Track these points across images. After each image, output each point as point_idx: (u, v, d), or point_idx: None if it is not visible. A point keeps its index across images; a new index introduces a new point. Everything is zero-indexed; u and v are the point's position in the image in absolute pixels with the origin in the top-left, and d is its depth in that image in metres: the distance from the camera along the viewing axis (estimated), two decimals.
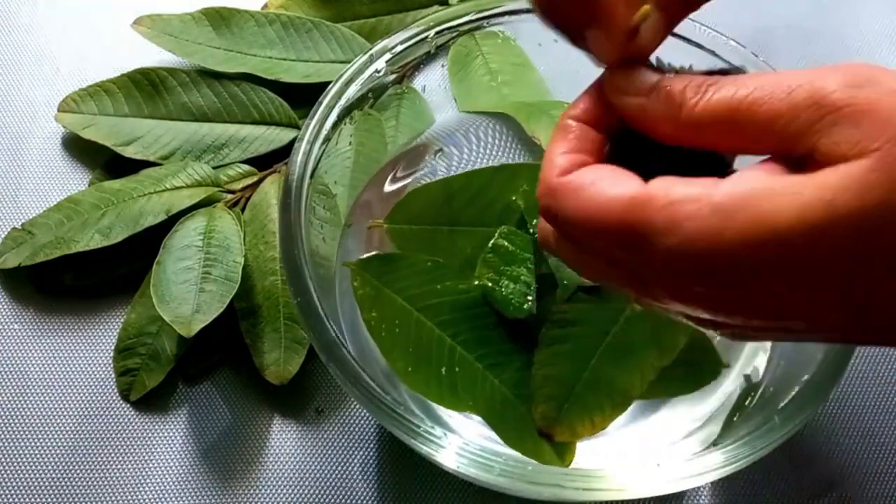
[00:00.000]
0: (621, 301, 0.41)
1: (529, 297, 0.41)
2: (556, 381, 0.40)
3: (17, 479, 0.44)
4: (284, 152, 0.51)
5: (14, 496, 0.44)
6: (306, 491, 0.44)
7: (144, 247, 0.47)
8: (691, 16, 0.44)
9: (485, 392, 0.40)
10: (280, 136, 0.52)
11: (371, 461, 0.45)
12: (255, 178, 0.51)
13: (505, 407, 0.40)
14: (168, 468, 0.45)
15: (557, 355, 0.40)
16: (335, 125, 0.43)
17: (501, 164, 0.48)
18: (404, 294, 0.42)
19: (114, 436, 0.45)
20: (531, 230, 0.43)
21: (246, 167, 0.51)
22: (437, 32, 0.45)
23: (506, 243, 0.42)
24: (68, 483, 0.44)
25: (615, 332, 0.40)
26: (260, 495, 0.44)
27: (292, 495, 0.44)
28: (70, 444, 0.45)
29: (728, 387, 0.42)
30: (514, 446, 0.40)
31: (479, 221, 0.44)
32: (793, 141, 0.26)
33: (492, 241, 0.42)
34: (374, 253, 0.44)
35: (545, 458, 0.39)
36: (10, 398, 0.46)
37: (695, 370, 0.42)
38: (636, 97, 0.30)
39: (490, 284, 0.42)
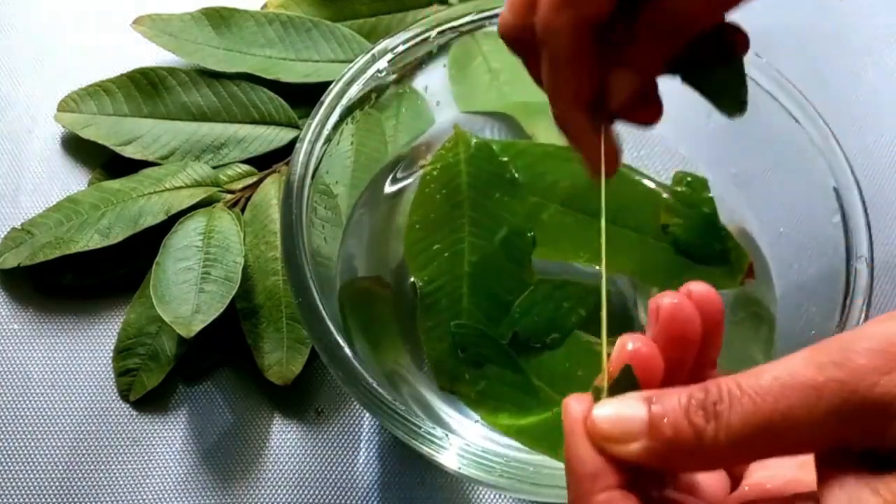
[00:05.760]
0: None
1: None
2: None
3: (17, 479, 0.44)
4: (284, 152, 0.51)
5: (14, 496, 0.44)
6: (307, 491, 0.44)
7: (144, 247, 0.47)
8: None
9: (446, 280, 0.43)
10: (279, 135, 0.52)
11: (372, 462, 0.45)
12: (254, 178, 0.51)
13: (452, 299, 0.43)
14: (168, 468, 0.45)
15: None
16: (336, 125, 0.43)
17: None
18: (468, 172, 0.45)
19: (114, 436, 0.45)
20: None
21: (245, 167, 0.51)
22: (438, 32, 0.45)
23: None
24: (68, 483, 0.44)
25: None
26: (260, 495, 0.44)
27: (293, 495, 0.44)
28: (70, 444, 0.45)
29: None
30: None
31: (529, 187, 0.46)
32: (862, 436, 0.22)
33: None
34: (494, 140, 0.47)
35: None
36: (10, 398, 0.46)
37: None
38: (634, 442, 0.24)
39: None
